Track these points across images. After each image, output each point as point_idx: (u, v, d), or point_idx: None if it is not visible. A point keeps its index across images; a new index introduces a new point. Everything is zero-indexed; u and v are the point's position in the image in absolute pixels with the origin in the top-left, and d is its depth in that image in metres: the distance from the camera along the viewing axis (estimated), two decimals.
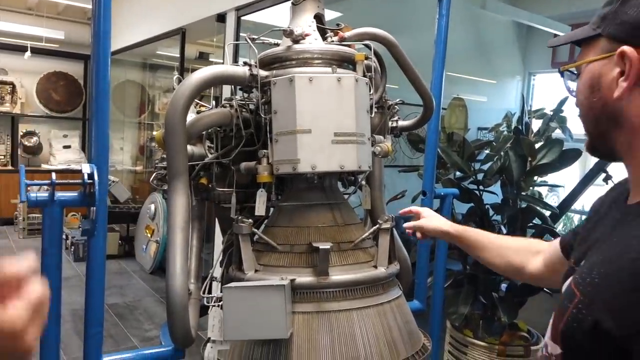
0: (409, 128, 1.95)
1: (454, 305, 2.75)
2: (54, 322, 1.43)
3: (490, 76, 6.75)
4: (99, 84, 1.46)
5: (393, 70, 1.79)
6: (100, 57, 1.46)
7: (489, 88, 6.75)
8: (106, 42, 1.47)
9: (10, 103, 7.71)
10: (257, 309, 1.36)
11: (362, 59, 1.62)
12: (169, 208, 1.51)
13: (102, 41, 1.46)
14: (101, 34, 1.45)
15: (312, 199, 1.62)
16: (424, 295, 2.18)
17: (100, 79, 1.46)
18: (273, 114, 1.52)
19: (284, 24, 1.67)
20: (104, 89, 1.48)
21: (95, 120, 1.47)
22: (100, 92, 1.47)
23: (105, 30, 1.45)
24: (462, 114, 2.88)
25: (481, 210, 2.78)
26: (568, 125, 3.33)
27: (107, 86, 1.49)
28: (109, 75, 1.50)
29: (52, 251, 1.41)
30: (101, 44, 1.46)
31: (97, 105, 1.47)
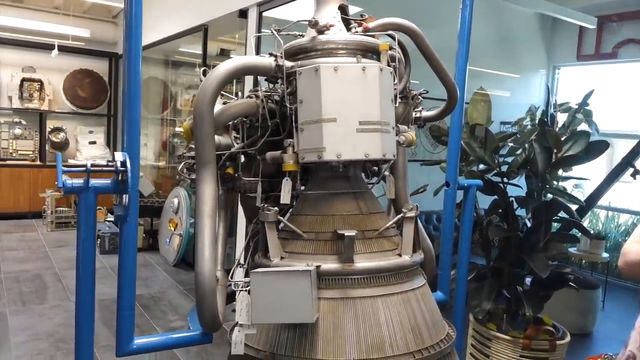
0: (432, 119, 1.95)
1: (477, 299, 2.74)
2: (89, 307, 1.48)
3: (513, 70, 6.66)
4: (131, 76, 1.50)
5: (414, 65, 1.80)
6: (132, 48, 1.49)
7: (512, 82, 6.67)
8: (138, 33, 1.51)
9: (39, 100, 7.90)
10: (284, 294, 1.39)
11: (387, 48, 1.63)
12: (198, 196, 1.54)
13: (134, 32, 1.49)
14: (133, 22, 1.48)
15: (336, 188, 1.64)
16: (447, 287, 2.18)
17: (132, 71, 1.50)
18: (298, 104, 1.54)
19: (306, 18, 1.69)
20: (135, 81, 1.51)
21: (128, 111, 1.50)
22: (131, 83, 1.50)
23: (137, 17, 1.48)
24: (484, 108, 2.86)
25: (505, 202, 2.76)
26: (594, 119, 3.28)
27: (138, 78, 1.53)
28: (140, 67, 1.53)
29: (87, 236, 1.45)
30: (133, 34, 1.49)
31: (129, 96, 1.51)
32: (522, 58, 6.63)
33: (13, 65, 7.76)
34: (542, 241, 2.70)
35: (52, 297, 4.54)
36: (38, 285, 4.83)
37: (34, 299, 4.46)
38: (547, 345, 2.70)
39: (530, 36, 6.61)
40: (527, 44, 6.61)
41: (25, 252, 5.91)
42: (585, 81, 6.53)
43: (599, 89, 3.58)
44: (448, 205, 2.18)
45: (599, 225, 6.59)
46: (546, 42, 6.73)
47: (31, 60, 7.87)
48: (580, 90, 3.62)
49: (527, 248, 2.73)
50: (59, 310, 4.23)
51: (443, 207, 2.21)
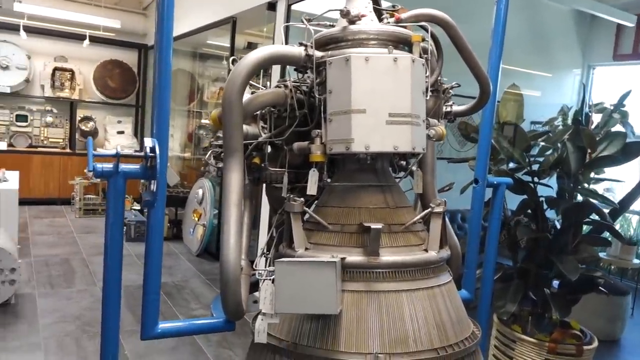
0: (463, 113, 1.91)
1: (502, 299, 2.69)
2: (115, 287, 1.50)
3: (545, 69, 6.51)
4: (162, 64, 1.51)
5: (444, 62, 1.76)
6: (163, 37, 1.50)
7: (544, 81, 6.51)
8: (169, 22, 1.51)
9: (70, 89, 8.06)
10: (308, 284, 1.38)
11: (419, 40, 1.60)
12: (224, 185, 1.54)
13: (165, 21, 1.50)
14: (165, 12, 1.49)
15: (363, 180, 1.62)
16: (473, 286, 2.15)
17: (162, 59, 1.51)
18: (328, 94, 1.53)
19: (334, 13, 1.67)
20: (166, 69, 1.52)
21: (158, 99, 1.51)
22: (162, 71, 1.51)
23: (169, 7, 1.49)
24: (515, 106, 2.79)
25: (535, 202, 2.70)
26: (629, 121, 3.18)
27: (169, 66, 1.54)
28: (171, 55, 1.54)
29: (115, 220, 1.47)
30: (165, 23, 1.50)
31: (160, 84, 1.52)
32: (555, 56, 6.47)
33: (46, 54, 7.93)
34: (572, 243, 2.63)
35: (79, 282, 4.64)
36: (66, 269, 4.94)
37: (62, 283, 4.57)
38: (574, 349, 2.63)
39: (565, 34, 6.45)
40: (562, 42, 6.45)
41: (54, 237, 6.06)
42: (621, 82, 6.34)
43: (636, 90, 3.47)
44: (476, 202, 2.14)
45: (630, 231, 6.41)
46: (582, 40, 6.55)
47: (63, 50, 8.04)
48: (616, 90, 3.52)
49: (556, 250, 2.67)
50: (85, 295, 4.32)
51: (471, 205, 2.17)
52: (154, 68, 1.52)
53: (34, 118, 7.83)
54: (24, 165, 7.26)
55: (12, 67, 7.55)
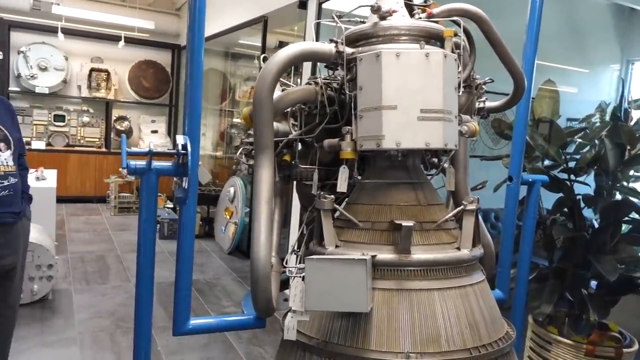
0: (497, 109, 1.87)
1: (537, 300, 2.62)
2: (148, 283, 1.52)
3: (582, 64, 6.32)
4: (194, 64, 1.53)
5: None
6: (195, 34, 1.52)
7: (580, 77, 6.32)
8: (201, 23, 1.53)
9: (105, 89, 8.27)
10: (339, 282, 1.37)
11: (451, 35, 1.57)
12: (255, 182, 1.55)
13: (197, 19, 1.52)
14: (197, 11, 1.51)
15: (394, 177, 1.61)
16: (507, 286, 2.10)
17: (194, 59, 1.52)
18: (358, 90, 1.52)
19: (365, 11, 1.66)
20: (197, 68, 1.54)
21: (189, 96, 1.53)
22: (194, 70, 1.53)
23: (200, 7, 1.50)
24: (551, 103, 2.72)
25: (571, 200, 2.62)
26: None
27: (200, 65, 1.55)
28: (202, 53, 1.56)
29: (148, 216, 1.50)
30: (197, 23, 1.52)
31: (191, 81, 1.54)
32: (592, 51, 6.27)
33: (83, 55, 8.16)
34: (611, 243, 2.55)
35: (113, 278, 4.76)
36: (101, 266, 5.07)
37: (97, 279, 4.69)
38: (613, 352, 2.55)
39: (603, 28, 6.24)
40: (599, 37, 6.24)
41: (90, 234, 6.23)
42: None
43: None
44: (510, 200, 2.09)
45: None
46: (620, 34, 6.33)
47: (99, 51, 8.25)
48: None
49: (594, 249, 2.59)
50: (120, 291, 4.42)
51: (505, 203, 2.13)
52: (186, 67, 1.54)
53: (71, 118, 8.07)
54: (62, 164, 7.49)
55: (51, 69, 7.79)
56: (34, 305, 3.84)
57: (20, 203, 2.50)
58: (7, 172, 2.40)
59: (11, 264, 2.47)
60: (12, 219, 2.43)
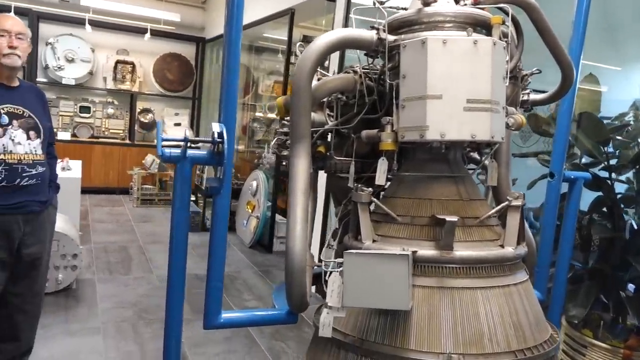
0: (542, 102, 1.79)
1: (572, 302, 2.53)
2: (180, 277, 1.49)
3: (614, 62, 6.12)
4: (231, 52, 1.49)
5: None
6: (233, 26, 1.48)
7: (613, 75, 6.13)
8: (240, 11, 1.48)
9: (130, 82, 8.32)
10: (379, 278, 1.32)
11: (499, 22, 1.49)
12: (291, 172, 1.50)
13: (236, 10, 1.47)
14: (235, 10, 1.47)
15: (435, 171, 1.54)
16: (545, 285, 2.03)
17: (232, 48, 1.48)
18: (401, 79, 1.45)
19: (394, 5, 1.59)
20: (235, 57, 1.50)
21: (226, 84, 1.49)
22: (231, 57, 1.49)
23: (239, 5, 1.46)
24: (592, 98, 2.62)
25: (611, 200, 2.52)
26: None
27: (237, 54, 1.51)
28: (240, 44, 1.52)
29: (182, 205, 1.46)
30: (235, 13, 1.47)
31: (228, 69, 1.50)
32: (626, 48, 6.07)
33: (109, 47, 8.21)
34: None
35: (136, 269, 4.77)
36: (124, 256, 5.10)
37: (119, 269, 4.71)
38: None
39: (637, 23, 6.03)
40: (634, 32, 6.04)
41: (113, 225, 6.27)
42: None
43: None
44: (551, 197, 2.01)
45: None
46: None
47: (125, 43, 8.29)
48: None
49: (633, 251, 2.48)
50: (142, 282, 4.43)
51: (545, 200, 2.05)
52: (223, 55, 1.50)
53: (96, 109, 8.13)
54: (86, 155, 7.56)
55: (77, 60, 7.86)
56: (59, 294, 3.86)
57: (47, 192, 2.50)
58: (36, 161, 2.40)
59: (37, 252, 2.46)
60: (39, 207, 2.43)
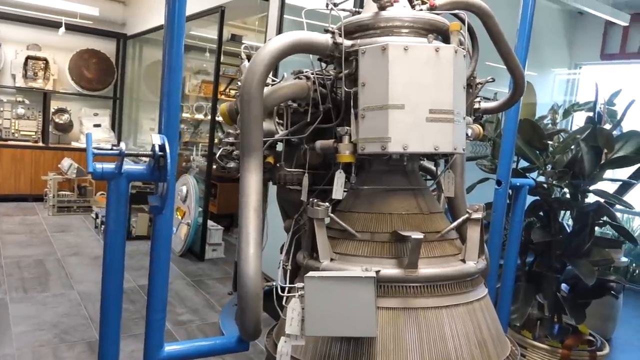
0: (493, 110, 1.78)
1: (513, 304, 2.58)
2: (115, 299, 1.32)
3: (531, 67, 6.45)
4: (172, 55, 1.33)
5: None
6: (174, 26, 1.32)
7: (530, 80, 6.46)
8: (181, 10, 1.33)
9: (43, 79, 7.68)
10: (343, 303, 1.22)
11: (458, 29, 1.45)
12: (242, 187, 1.37)
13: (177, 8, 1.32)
14: (176, 10, 1.32)
15: (394, 183, 1.47)
16: (493, 291, 2.03)
17: (173, 50, 1.33)
18: (360, 87, 1.37)
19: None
20: (177, 60, 1.34)
21: (167, 92, 1.33)
22: (172, 63, 1.34)
23: (180, 6, 1.31)
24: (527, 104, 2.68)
25: (548, 204, 2.59)
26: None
27: (180, 57, 1.36)
28: (182, 46, 1.37)
29: (117, 227, 1.28)
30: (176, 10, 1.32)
31: (169, 76, 1.34)
32: (541, 55, 6.42)
33: (18, 42, 7.52)
34: (585, 246, 2.53)
35: (54, 285, 4.37)
36: (40, 271, 4.66)
37: (36, 287, 4.29)
38: (587, 356, 2.55)
39: (552, 32, 6.41)
40: (549, 41, 6.40)
41: (26, 237, 5.73)
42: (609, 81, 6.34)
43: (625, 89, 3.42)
44: (499, 204, 2.02)
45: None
46: (569, 38, 6.53)
47: (37, 37, 7.63)
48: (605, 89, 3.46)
49: (568, 253, 2.57)
50: (62, 299, 4.06)
51: (493, 207, 2.05)
52: (163, 58, 1.34)
53: (4, 109, 7.42)
54: None
55: None
56: None
57: None
58: None
59: None
60: None
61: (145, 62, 8.15)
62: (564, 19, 6.43)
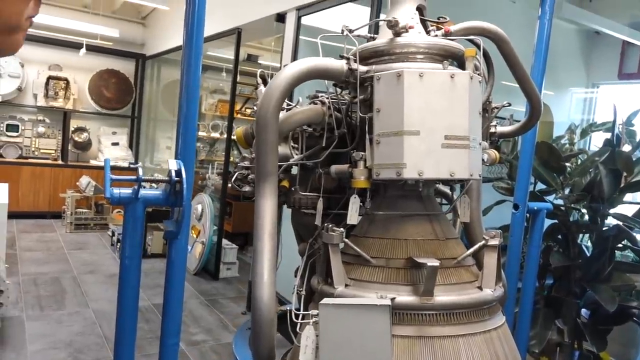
0: (509, 134, 1.77)
1: (531, 329, 2.52)
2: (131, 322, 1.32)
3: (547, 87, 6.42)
4: (190, 80, 1.36)
5: None
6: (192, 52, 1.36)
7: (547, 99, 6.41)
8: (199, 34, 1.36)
9: (64, 99, 7.84)
10: (358, 331, 1.21)
11: (473, 55, 1.45)
12: (257, 213, 1.37)
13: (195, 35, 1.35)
14: (194, 39, 1.35)
15: (409, 208, 1.46)
16: (511, 316, 1.99)
17: (191, 74, 1.36)
18: (375, 113, 1.37)
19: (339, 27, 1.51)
20: (194, 84, 1.37)
21: (184, 116, 1.35)
22: (190, 88, 1.36)
23: (198, 32, 1.34)
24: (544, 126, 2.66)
25: (566, 227, 2.55)
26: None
27: (197, 81, 1.39)
28: (199, 71, 1.40)
29: (133, 253, 1.29)
30: (194, 34, 1.35)
31: (187, 101, 1.37)
32: (558, 74, 6.39)
33: (40, 62, 7.71)
34: (606, 271, 2.48)
35: (70, 303, 4.40)
36: (56, 289, 4.70)
37: (52, 304, 4.32)
38: None
39: (569, 52, 6.39)
40: (565, 60, 6.37)
41: (43, 254, 5.80)
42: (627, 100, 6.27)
43: None
44: (516, 229, 1.99)
45: None
46: (586, 58, 6.49)
47: (58, 58, 7.83)
48: (624, 109, 3.42)
49: (588, 278, 2.52)
50: (77, 318, 4.08)
51: (510, 232, 2.02)
52: (181, 82, 1.36)
53: (26, 128, 7.59)
54: (13, 176, 7.02)
55: (5, 75, 7.33)
56: None
57: None
58: None
59: None
60: None
61: (163, 81, 8.30)
62: (581, 39, 6.40)
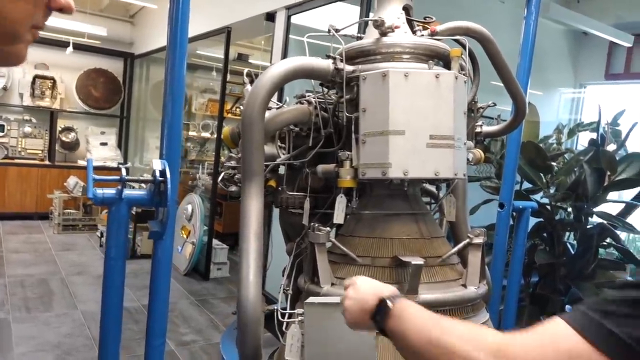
0: (494, 134, 1.78)
1: (517, 326, 2.55)
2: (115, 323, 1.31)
3: (535, 87, 6.48)
4: (174, 79, 1.36)
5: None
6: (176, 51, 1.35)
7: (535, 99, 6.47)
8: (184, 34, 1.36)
9: (50, 98, 7.76)
10: (343, 329, 1.21)
11: (459, 55, 1.46)
12: (243, 213, 1.37)
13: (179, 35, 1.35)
14: (179, 22, 1.34)
15: (395, 208, 1.47)
16: (496, 314, 2.01)
17: (175, 73, 1.35)
18: (361, 112, 1.38)
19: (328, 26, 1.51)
20: (178, 83, 1.37)
21: (169, 116, 1.35)
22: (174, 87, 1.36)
23: (182, 31, 1.34)
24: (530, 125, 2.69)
25: (551, 225, 2.58)
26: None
27: (182, 80, 1.39)
28: (184, 70, 1.40)
29: (117, 253, 1.29)
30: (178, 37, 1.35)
31: (171, 100, 1.36)
32: (546, 74, 6.45)
33: (26, 61, 7.62)
34: (590, 268, 2.51)
35: (58, 305, 4.36)
36: (44, 291, 4.65)
37: (39, 306, 4.28)
38: None
39: (556, 52, 6.45)
40: (553, 61, 6.43)
41: (30, 255, 5.74)
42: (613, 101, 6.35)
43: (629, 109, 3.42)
44: (501, 228, 2.01)
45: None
46: (573, 59, 6.56)
47: (44, 57, 7.73)
48: (609, 108, 3.47)
49: (572, 275, 2.55)
50: (65, 319, 4.04)
51: (495, 230, 2.04)
52: (165, 81, 1.36)
53: (11, 128, 7.50)
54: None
55: None
56: None
57: None
58: None
59: None
60: None
61: (152, 81, 8.25)
62: (569, 39, 6.46)
